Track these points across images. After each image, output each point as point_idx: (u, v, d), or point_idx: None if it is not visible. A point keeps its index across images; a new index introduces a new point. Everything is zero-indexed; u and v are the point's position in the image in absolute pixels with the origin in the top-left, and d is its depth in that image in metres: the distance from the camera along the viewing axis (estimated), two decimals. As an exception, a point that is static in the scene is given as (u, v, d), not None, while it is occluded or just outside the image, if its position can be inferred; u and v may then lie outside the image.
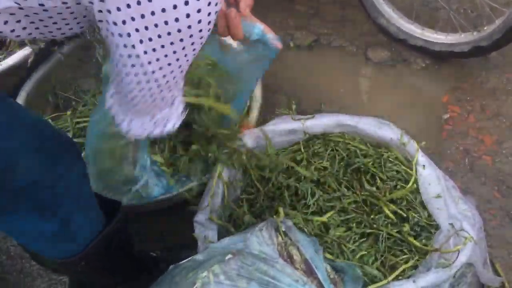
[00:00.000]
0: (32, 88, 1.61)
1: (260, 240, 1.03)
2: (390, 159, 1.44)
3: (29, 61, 1.54)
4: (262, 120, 1.63)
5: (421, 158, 1.38)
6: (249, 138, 1.42)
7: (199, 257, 1.05)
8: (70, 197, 0.99)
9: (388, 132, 1.44)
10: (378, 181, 1.42)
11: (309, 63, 2.05)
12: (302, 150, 1.46)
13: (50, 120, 1.60)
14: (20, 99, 1.57)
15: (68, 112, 1.66)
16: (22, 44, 1.56)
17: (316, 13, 2.20)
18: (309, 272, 1.02)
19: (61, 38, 1.09)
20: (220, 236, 1.27)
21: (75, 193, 1.00)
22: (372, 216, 1.35)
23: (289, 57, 2.06)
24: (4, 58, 1.59)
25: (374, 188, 1.39)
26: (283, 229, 1.10)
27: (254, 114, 1.57)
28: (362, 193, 1.40)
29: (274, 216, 1.21)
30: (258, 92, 1.62)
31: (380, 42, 2.09)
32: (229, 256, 0.94)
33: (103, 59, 1.67)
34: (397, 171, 1.43)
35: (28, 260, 1.52)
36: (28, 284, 1.48)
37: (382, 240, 1.30)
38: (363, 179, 1.42)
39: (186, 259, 1.09)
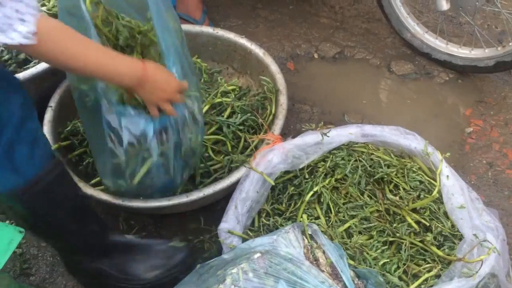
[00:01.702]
0: (65, 90, 1.65)
1: (287, 242, 1.06)
2: (413, 169, 1.46)
3: None
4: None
5: (445, 168, 1.39)
6: (277, 153, 1.44)
7: (226, 256, 1.07)
8: (11, 126, 1.05)
9: (412, 142, 1.46)
10: (401, 190, 1.44)
11: (332, 74, 2.08)
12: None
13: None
14: (53, 101, 1.63)
15: (98, 116, 1.70)
16: None
17: (341, 25, 2.23)
18: (334, 275, 1.04)
19: None
20: (245, 241, 1.30)
21: (17, 123, 1.06)
22: (394, 225, 1.37)
23: (313, 68, 2.10)
24: (39, 62, 1.65)
25: (397, 198, 1.41)
26: (309, 233, 1.12)
27: (280, 122, 1.59)
28: (385, 202, 1.42)
29: (300, 220, 1.23)
30: (283, 99, 1.64)
31: (403, 55, 2.11)
32: (258, 255, 0.96)
33: None
34: (420, 181, 1.44)
35: (56, 259, 1.56)
36: (54, 282, 1.52)
37: (405, 249, 1.31)
38: (386, 189, 1.44)
39: (213, 259, 1.11)
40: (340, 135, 1.48)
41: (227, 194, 1.45)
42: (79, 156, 1.61)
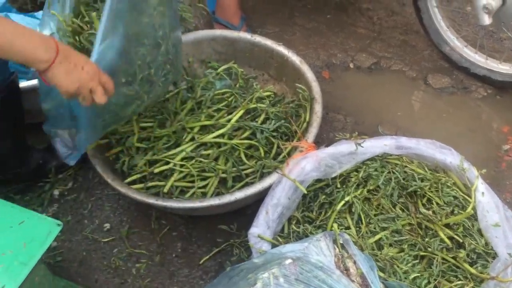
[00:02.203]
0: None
1: (318, 250, 1.06)
2: (448, 184, 1.44)
3: None
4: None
5: (480, 185, 1.37)
6: (310, 161, 1.44)
7: (257, 260, 1.08)
8: None
9: (448, 156, 1.44)
10: (434, 205, 1.42)
11: (368, 85, 2.07)
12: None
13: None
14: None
15: (134, 116, 1.73)
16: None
17: (378, 36, 2.23)
18: (365, 286, 1.04)
19: None
20: (274, 246, 1.30)
21: None
22: (426, 240, 1.35)
23: (348, 78, 2.09)
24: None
25: (430, 212, 1.39)
26: (341, 242, 1.12)
27: (314, 130, 1.59)
28: (417, 216, 1.41)
29: (330, 229, 1.23)
30: (318, 108, 1.65)
31: (441, 68, 2.09)
32: (289, 261, 0.97)
33: None
34: (455, 197, 1.42)
35: (89, 253, 1.60)
36: (87, 276, 1.56)
37: (437, 264, 1.30)
38: (419, 202, 1.43)
39: (243, 262, 1.12)
40: (374, 146, 1.48)
41: (258, 199, 1.46)
42: (116, 155, 1.64)
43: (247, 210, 1.61)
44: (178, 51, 1.47)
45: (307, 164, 1.44)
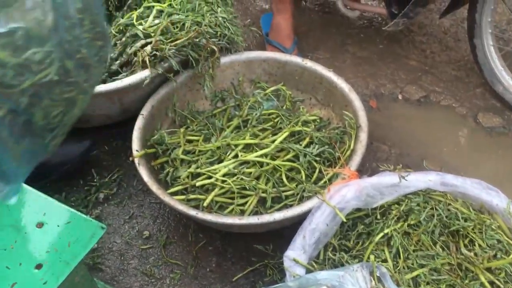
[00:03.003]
0: (157, 101, 1.76)
1: (354, 280, 1.05)
2: (492, 226, 1.40)
3: (144, 82, 1.69)
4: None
5: (527, 231, 1.33)
6: (352, 189, 1.44)
7: (291, 284, 1.09)
8: None
9: (494, 198, 1.41)
10: (477, 247, 1.38)
11: (415, 117, 2.05)
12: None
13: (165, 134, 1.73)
14: (145, 109, 1.73)
15: (182, 129, 1.79)
16: (143, 67, 1.72)
17: (429, 70, 2.21)
18: (399, 322, 1.02)
19: None
20: (308, 271, 1.30)
21: None
22: (466, 282, 1.32)
23: (396, 109, 2.08)
24: (127, 76, 1.75)
25: (471, 254, 1.36)
26: (377, 274, 1.11)
27: (358, 158, 1.59)
28: (458, 256, 1.37)
29: (367, 260, 1.22)
30: (364, 136, 1.65)
31: (492, 107, 2.05)
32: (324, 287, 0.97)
33: (208, 89, 1.84)
34: (499, 240, 1.38)
35: (126, 258, 1.65)
36: (122, 280, 1.60)
37: (475, 308, 1.26)
38: (460, 243, 1.40)
39: (278, 284, 1.13)
40: (418, 180, 1.46)
41: (296, 222, 1.47)
42: (161, 165, 1.69)
43: (284, 232, 1.61)
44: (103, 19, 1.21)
45: (348, 192, 1.44)
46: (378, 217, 1.45)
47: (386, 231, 1.41)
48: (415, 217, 1.42)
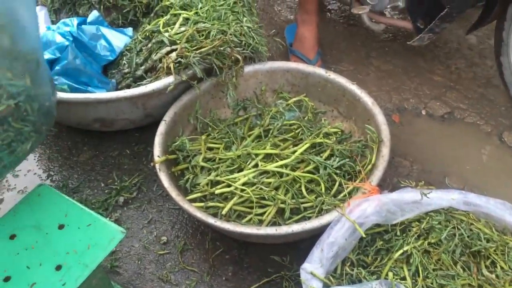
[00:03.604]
0: (180, 108, 1.78)
1: (373, 297, 1.04)
2: (515, 249, 1.37)
3: (168, 88, 1.70)
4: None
5: (552, 255, 1.29)
6: (372, 204, 1.42)
7: (308, 298, 1.07)
8: None
9: (519, 220, 1.38)
10: (498, 269, 1.36)
11: (439, 133, 2.02)
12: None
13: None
14: (168, 115, 1.75)
15: (203, 137, 1.80)
16: (168, 73, 1.73)
17: (454, 86, 2.18)
18: None
19: None
20: (325, 286, 1.29)
21: None
22: (486, 304, 1.29)
23: (419, 125, 2.06)
24: (151, 81, 1.77)
25: (493, 276, 1.33)
26: (397, 293, 1.09)
27: (379, 173, 1.57)
28: (479, 277, 1.35)
29: (385, 277, 1.20)
30: (386, 151, 1.63)
31: (518, 126, 2.02)
32: (343, 304, 0.95)
33: (231, 97, 1.86)
34: (522, 263, 1.35)
35: (143, 263, 1.65)
36: (138, 285, 1.60)
37: (495, 332, 1.23)
38: (482, 264, 1.37)
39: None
40: (441, 198, 1.44)
41: (314, 234, 1.46)
42: (181, 171, 1.70)
43: (301, 244, 1.60)
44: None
45: (368, 207, 1.42)
46: (398, 233, 1.43)
47: (405, 248, 1.39)
48: (436, 235, 1.40)
